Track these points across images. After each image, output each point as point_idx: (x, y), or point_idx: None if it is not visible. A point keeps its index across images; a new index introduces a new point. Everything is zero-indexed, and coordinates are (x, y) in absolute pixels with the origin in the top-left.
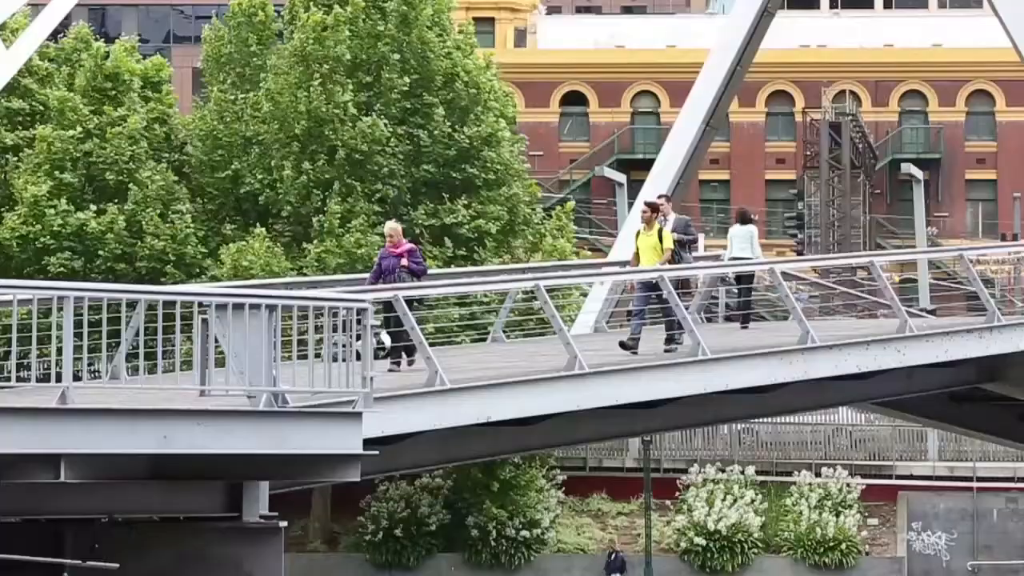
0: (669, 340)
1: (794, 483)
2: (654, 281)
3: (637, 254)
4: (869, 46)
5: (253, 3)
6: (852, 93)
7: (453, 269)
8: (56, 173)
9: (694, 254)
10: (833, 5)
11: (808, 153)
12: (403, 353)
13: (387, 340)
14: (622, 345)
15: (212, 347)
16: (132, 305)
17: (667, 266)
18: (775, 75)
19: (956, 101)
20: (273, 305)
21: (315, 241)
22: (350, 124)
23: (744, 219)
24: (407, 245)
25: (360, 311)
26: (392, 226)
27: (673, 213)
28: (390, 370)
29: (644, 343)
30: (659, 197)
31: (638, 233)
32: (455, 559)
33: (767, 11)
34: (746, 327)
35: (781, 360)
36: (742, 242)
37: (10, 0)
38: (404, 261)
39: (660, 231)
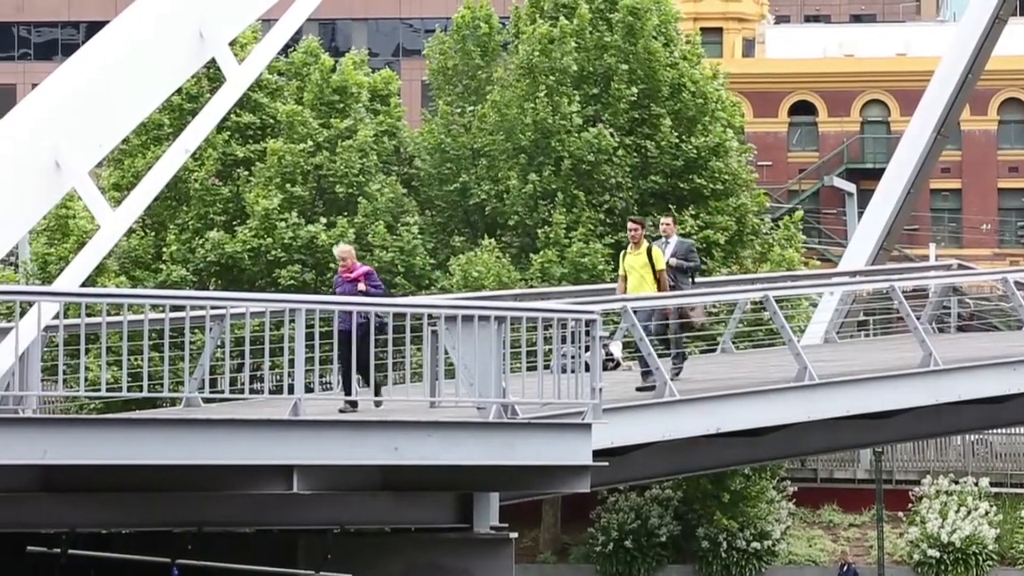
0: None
1: None
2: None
3: (625, 276)
4: None
5: (477, 16)
6: None
7: None
8: (287, 186)
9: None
10: None
11: None
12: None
13: (616, 351)
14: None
15: (442, 358)
16: None
17: (900, 275)
18: (1007, 82)
19: None
20: (502, 316)
21: (541, 251)
22: (576, 135)
23: None
24: (362, 268)
25: (589, 322)
26: (343, 248)
27: (676, 236)
28: (341, 410)
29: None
30: (664, 218)
31: (625, 253)
32: (685, 570)
33: (999, 18)
34: None
35: (1015, 370)
36: None
37: (242, 17)
38: (361, 286)
39: (649, 250)
